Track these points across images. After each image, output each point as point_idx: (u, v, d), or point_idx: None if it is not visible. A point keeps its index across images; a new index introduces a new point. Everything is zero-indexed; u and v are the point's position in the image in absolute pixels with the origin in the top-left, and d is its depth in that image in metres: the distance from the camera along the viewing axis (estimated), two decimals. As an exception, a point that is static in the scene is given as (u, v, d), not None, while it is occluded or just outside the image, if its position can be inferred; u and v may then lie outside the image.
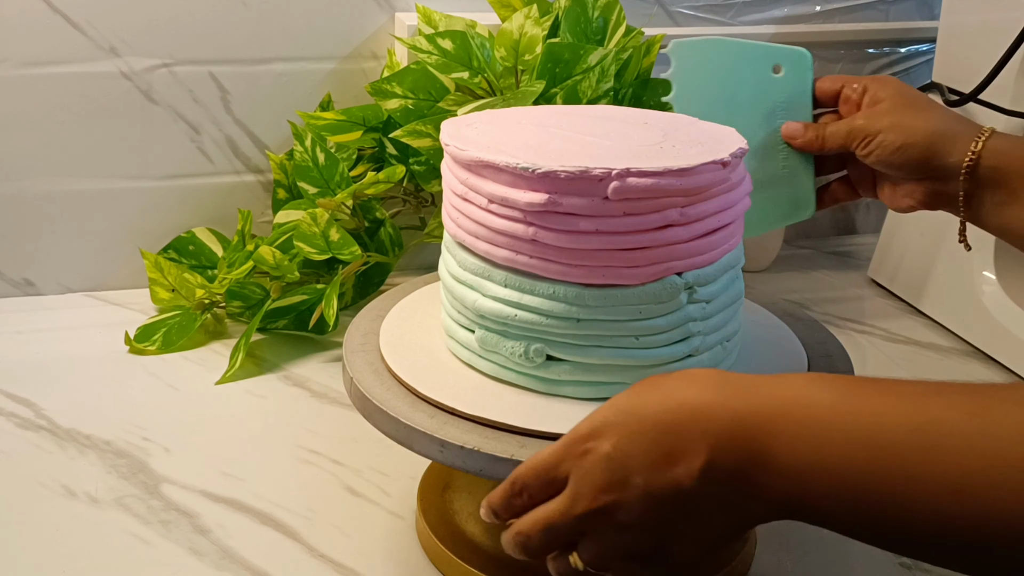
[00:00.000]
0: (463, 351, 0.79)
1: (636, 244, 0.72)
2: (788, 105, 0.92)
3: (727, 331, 0.78)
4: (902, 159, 0.87)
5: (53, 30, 1.14)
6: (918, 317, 1.26)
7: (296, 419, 1.02)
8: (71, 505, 0.88)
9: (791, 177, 0.93)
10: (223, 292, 1.13)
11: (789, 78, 0.92)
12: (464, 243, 0.77)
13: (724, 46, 0.91)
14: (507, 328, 0.75)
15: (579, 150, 0.74)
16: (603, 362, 0.75)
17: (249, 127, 1.23)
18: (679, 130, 0.79)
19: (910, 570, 0.86)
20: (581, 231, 0.71)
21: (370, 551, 0.85)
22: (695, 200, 0.72)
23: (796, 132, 0.92)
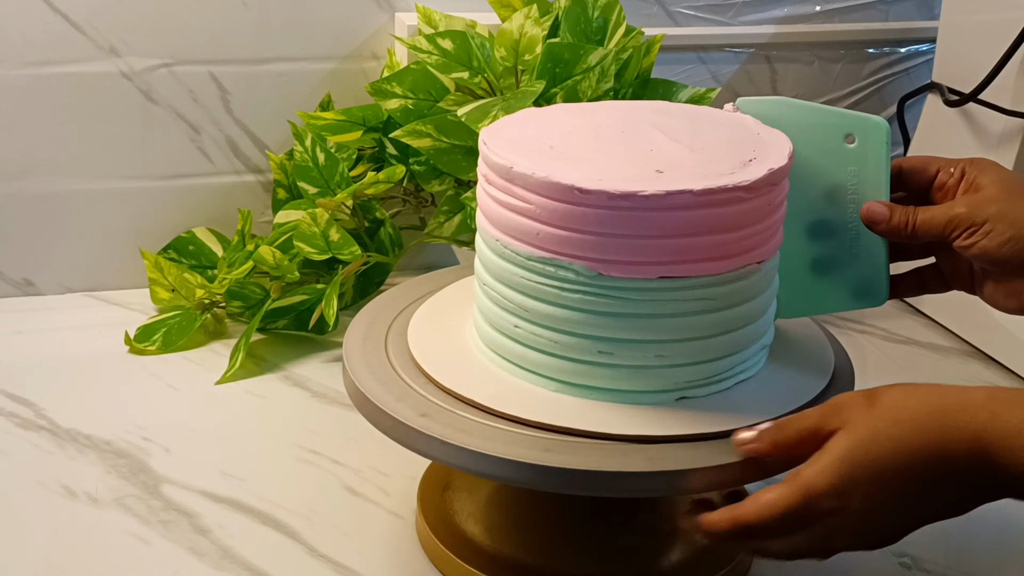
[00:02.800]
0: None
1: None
2: (859, 180, 0.81)
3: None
4: (1010, 253, 0.76)
5: (53, 30, 1.14)
6: (918, 317, 1.26)
7: (296, 419, 1.02)
8: (71, 505, 0.88)
9: (860, 260, 0.82)
10: (223, 292, 1.13)
11: (863, 149, 0.80)
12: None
13: (792, 107, 0.82)
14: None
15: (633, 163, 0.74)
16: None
17: (249, 127, 1.23)
18: (716, 149, 0.78)
19: (910, 570, 0.86)
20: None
21: (370, 551, 0.85)
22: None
23: (880, 215, 0.79)
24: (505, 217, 0.75)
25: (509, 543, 0.83)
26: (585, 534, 0.83)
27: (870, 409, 0.68)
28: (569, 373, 0.76)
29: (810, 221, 0.82)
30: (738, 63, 1.37)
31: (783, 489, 0.68)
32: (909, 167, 0.82)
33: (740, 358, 0.78)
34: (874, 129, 0.80)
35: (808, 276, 0.83)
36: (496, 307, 0.78)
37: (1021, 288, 0.78)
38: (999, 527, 0.92)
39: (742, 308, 0.76)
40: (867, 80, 1.43)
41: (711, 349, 0.76)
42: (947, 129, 1.25)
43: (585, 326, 0.74)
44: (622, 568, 0.82)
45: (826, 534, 0.68)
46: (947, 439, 0.66)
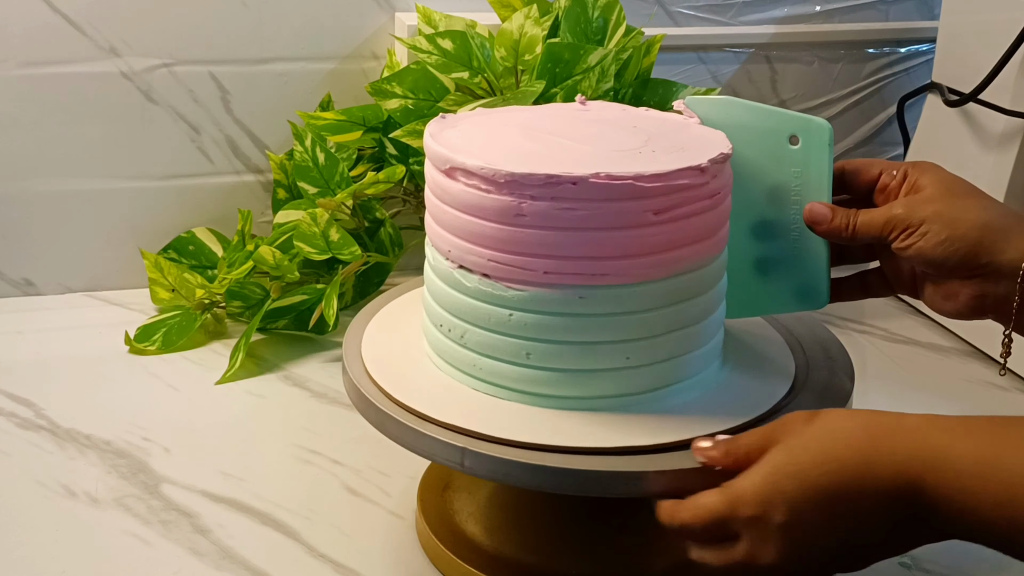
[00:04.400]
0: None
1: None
2: (803, 181, 0.80)
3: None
4: (945, 254, 0.75)
5: (53, 30, 1.14)
6: (918, 317, 1.26)
7: (296, 419, 1.02)
8: (71, 505, 0.88)
9: (801, 263, 0.81)
10: (223, 292, 1.13)
11: (806, 151, 0.79)
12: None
13: (738, 107, 0.81)
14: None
15: (552, 155, 0.74)
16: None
17: (249, 127, 1.23)
18: (667, 135, 0.78)
19: (910, 570, 0.86)
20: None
21: (370, 551, 0.85)
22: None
23: (821, 216, 0.79)
24: (443, 213, 0.76)
25: (509, 543, 0.83)
26: (585, 534, 0.83)
27: (807, 424, 0.68)
28: (538, 384, 0.76)
29: (754, 221, 0.82)
30: (738, 63, 1.37)
31: (716, 494, 0.69)
32: (852, 169, 0.81)
33: (696, 356, 0.78)
34: (817, 131, 0.79)
35: (752, 276, 0.83)
36: (445, 318, 0.78)
37: (958, 290, 0.77)
38: (999, 527, 0.92)
39: (699, 300, 0.77)
40: (867, 80, 1.43)
41: (670, 346, 0.76)
42: (947, 129, 1.25)
43: (536, 332, 0.74)
44: (622, 568, 0.82)
45: (751, 549, 0.68)
46: (876, 459, 0.65)
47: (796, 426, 0.69)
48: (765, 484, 0.67)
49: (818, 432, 0.68)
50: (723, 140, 0.77)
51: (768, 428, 0.70)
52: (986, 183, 1.18)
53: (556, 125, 0.80)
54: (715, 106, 0.81)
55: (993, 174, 1.18)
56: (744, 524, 0.68)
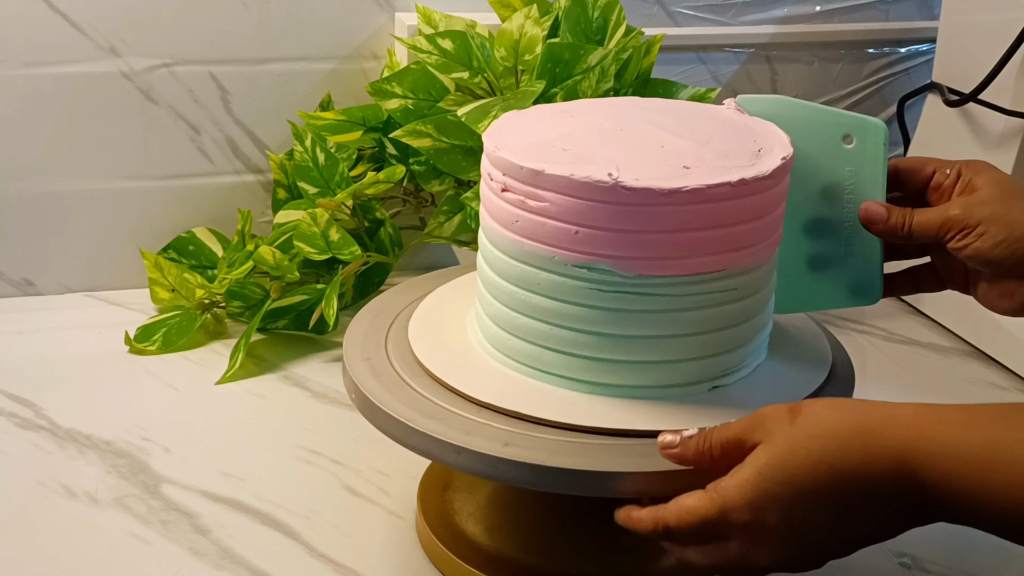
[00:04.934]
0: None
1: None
2: (856, 180, 0.81)
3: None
4: (1003, 255, 0.76)
5: (53, 30, 1.14)
6: (918, 317, 1.26)
7: (296, 419, 1.02)
8: (71, 505, 0.88)
9: (854, 259, 0.82)
10: (223, 292, 1.13)
11: (860, 150, 0.80)
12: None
13: (791, 106, 0.81)
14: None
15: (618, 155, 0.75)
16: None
17: (249, 127, 1.23)
18: (723, 142, 0.78)
19: (910, 569, 0.86)
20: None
21: (370, 551, 0.85)
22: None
23: (877, 216, 0.79)
24: (532, 222, 0.74)
25: (509, 543, 0.83)
26: (585, 534, 0.83)
27: (791, 423, 0.67)
28: (585, 371, 0.76)
29: (807, 218, 0.82)
30: (738, 63, 1.37)
31: (702, 497, 0.68)
32: (906, 168, 0.82)
33: (754, 345, 0.79)
34: (872, 130, 0.80)
35: (804, 273, 0.83)
36: (513, 312, 0.77)
37: (1014, 289, 0.78)
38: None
39: (756, 298, 0.77)
40: (867, 80, 1.43)
41: (732, 340, 0.77)
42: (947, 129, 1.25)
43: (619, 325, 0.74)
44: (622, 568, 0.82)
45: (743, 551, 0.67)
46: (869, 457, 0.64)
47: (778, 425, 0.67)
48: (756, 490, 0.66)
49: (806, 431, 0.66)
50: (786, 142, 0.78)
51: (743, 424, 0.69)
52: (986, 183, 1.18)
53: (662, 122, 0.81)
54: (768, 105, 0.81)
55: (993, 174, 1.18)
56: (735, 529, 0.67)
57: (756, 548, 0.67)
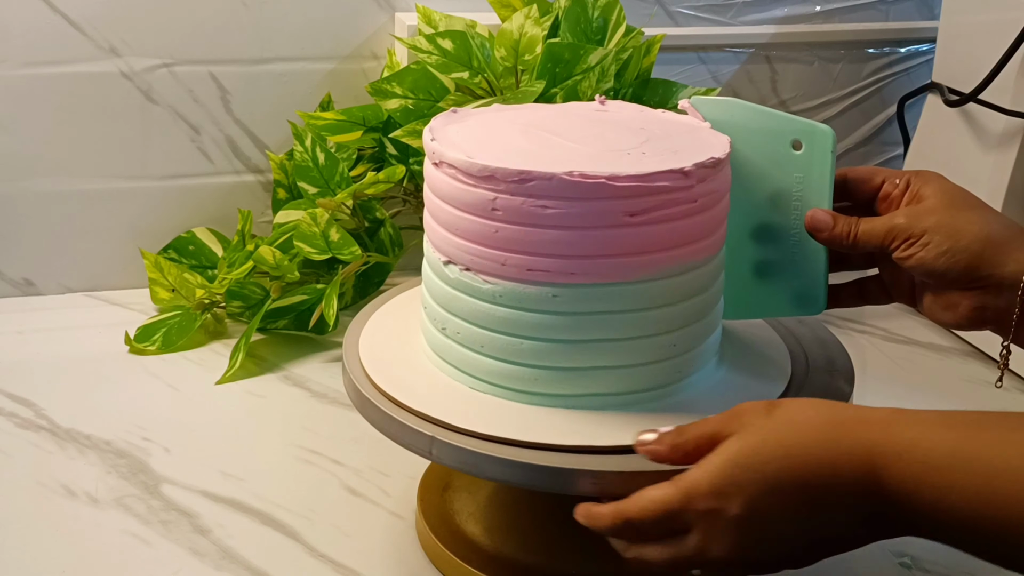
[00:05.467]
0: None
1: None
2: (805, 186, 0.80)
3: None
4: (946, 265, 0.75)
5: (53, 30, 1.14)
6: (918, 317, 1.26)
7: (296, 419, 1.02)
8: (71, 505, 0.88)
9: (799, 268, 0.81)
10: (223, 292, 1.13)
11: (808, 156, 0.79)
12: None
13: (742, 109, 0.80)
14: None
15: (540, 152, 0.74)
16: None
17: (249, 127, 1.23)
18: (669, 138, 0.78)
19: (910, 570, 0.86)
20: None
21: (370, 551, 0.85)
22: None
23: (823, 223, 0.78)
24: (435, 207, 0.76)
25: (509, 543, 0.83)
26: (585, 534, 0.82)
27: (767, 417, 0.66)
28: (533, 382, 0.76)
29: (755, 224, 0.81)
30: (738, 63, 1.37)
31: (667, 487, 0.67)
32: (855, 176, 0.81)
33: (694, 356, 0.78)
34: (820, 136, 0.79)
35: (751, 279, 0.83)
36: (437, 312, 0.79)
37: (957, 301, 0.77)
38: (999, 527, 0.92)
39: (685, 304, 0.76)
40: (867, 80, 1.43)
41: (653, 349, 0.76)
42: (947, 129, 1.25)
43: (557, 331, 0.74)
44: (621, 568, 0.81)
45: (701, 544, 0.66)
46: (838, 452, 0.64)
47: (753, 417, 0.66)
48: (722, 476, 0.65)
49: (779, 424, 0.66)
50: (723, 145, 0.77)
51: (719, 419, 0.68)
52: (986, 183, 1.18)
53: (561, 124, 0.80)
54: (719, 107, 0.81)
55: (993, 174, 1.18)
56: (697, 517, 0.65)
57: (715, 540, 0.65)
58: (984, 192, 1.17)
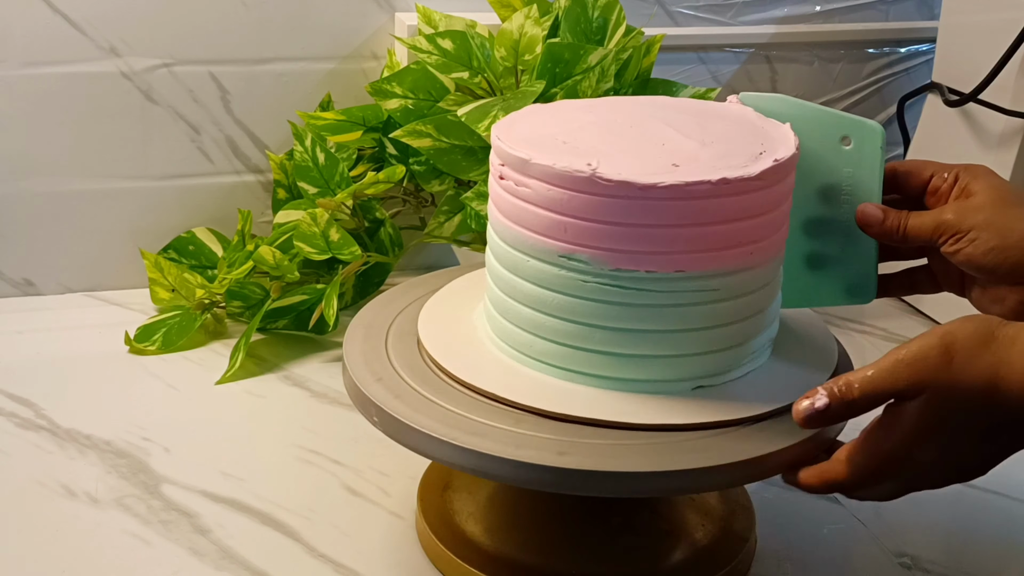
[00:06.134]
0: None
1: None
2: (854, 182, 0.81)
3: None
4: (994, 262, 0.77)
5: (53, 30, 1.14)
6: (918, 317, 1.26)
7: (296, 419, 1.02)
8: (71, 505, 0.88)
9: (850, 260, 0.83)
10: (223, 292, 1.13)
11: (858, 151, 0.81)
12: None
13: (791, 106, 0.82)
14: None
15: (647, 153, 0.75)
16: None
17: (249, 127, 1.23)
18: (728, 143, 0.78)
19: (910, 570, 0.86)
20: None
21: (370, 551, 0.85)
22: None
23: (873, 218, 0.80)
24: (520, 209, 0.76)
25: (509, 543, 0.83)
26: (585, 534, 0.83)
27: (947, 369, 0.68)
28: (581, 362, 0.77)
29: (805, 218, 0.83)
30: (738, 63, 1.37)
31: (863, 455, 0.71)
32: (904, 170, 0.82)
33: (749, 348, 0.79)
34: (870, 133, 0.81)
35: (802, 270, 0.84)
36: (508, 298, 0.78)
37: (1005, 295, 0.78)
38: (999, 527, 0.92)
39: (750, 298, 0.77)
40: (867, 80, 1.43)
41: (721, 339, 0.77)
42: (947, 129, 1.25)
43: (600, 317, 0.75)
44: (622, 568, 0.82)
45: (909, 480, 0.71)
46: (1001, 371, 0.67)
47: (932, 373, 0.69)
48: (926, 373, 0.68)
49: (978, 342, 0.69)
50: (791, 141, 0.78)
51: (890, 380, 0.69)
52: (986, 183, 1.18)
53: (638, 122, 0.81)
54: (768, 103, 0.82)
55: (993, 174, 1.19)
56: (896, 413, 0.70)
57: (922, 476, 0.71)
58: (984, 192, 1.17)
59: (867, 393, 0.69)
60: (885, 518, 0.90)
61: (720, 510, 0.87)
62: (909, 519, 0.73)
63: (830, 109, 0.82)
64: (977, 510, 0.94)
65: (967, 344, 0.68)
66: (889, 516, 0.91)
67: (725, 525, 0.86)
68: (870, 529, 0.90)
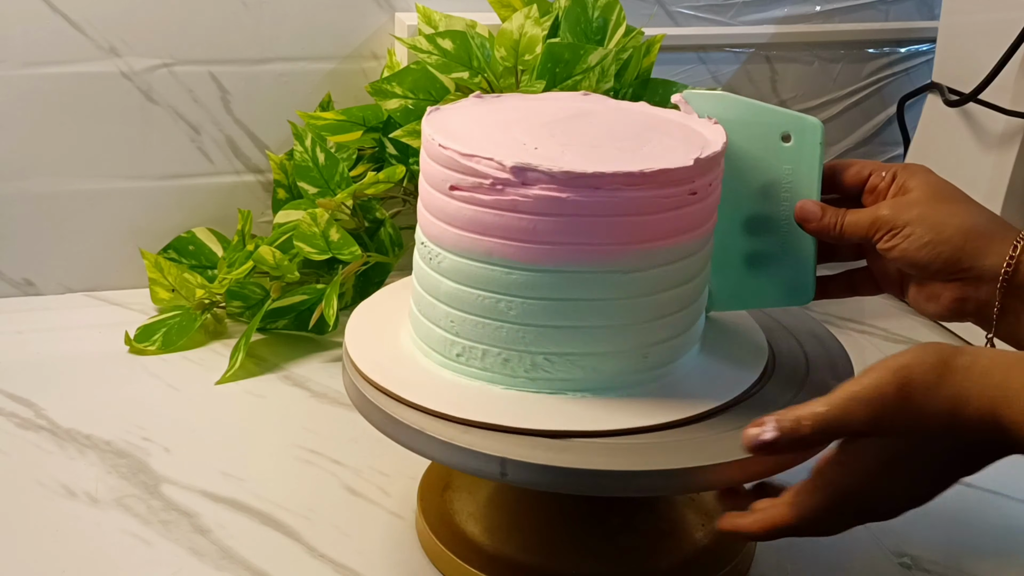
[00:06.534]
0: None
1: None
2: (794, 179, 0.81)
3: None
4: (928, 257, 0.76)
5: (53, 30, 1.14)
6: (918, 317, 1.26)
7: (296, 419, 1.02)
8: (71, 505, 0.88)
9: (789, 258, 0.83)
10: (223, 292, 1.13)
11: (798, 148, 0.81)
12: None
13: (733, 103, 0.81)
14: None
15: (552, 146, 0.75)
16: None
17: (249, 127, 1.23)
18: (666, 134, 0.78)
19: (910, 570, 0.86)
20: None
21: (370, 551, 0.85)
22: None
23: (811, 214, 0.80)
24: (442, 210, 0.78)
25: (509, 543, 0.83)
26: (585, 534, 0.83)
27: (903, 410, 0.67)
28: (516, 369, 0.76)
29: (746, 215, 0.82)
30: (738, 63, 1.37)
31: (814, 495, 0.69)
32: (843, 168, 0.83)
33: (678, 343, 0.79)
34: (810, 129, 0.81)
35: (741, 270, 0.83)
36: (430, 297, 0.79)
37: (940, 292, 0.78)
38: (999, 527, 0.92)
39: (679, 291, 0.77)
40: (867, 80, 1.43)
41: (653, 334, 0.77)
42: (947, 129, 1.25)
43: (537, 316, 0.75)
44: (622, 568, 0.82)
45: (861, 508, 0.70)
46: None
47: (891, 414, 0.67)
48: (881, 411, 0.66)
49: (938, 375, 0.66)
50: (720, 137, 0.78)
51: (861, 418, 0.67)
52: (986, 183, 1.18)
53: (552, 117, 0.81)
54: (711, 101, 0.82)
55: (993, 174, 1.19)
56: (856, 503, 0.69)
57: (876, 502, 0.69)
58: (984, 192, 1.17)
59: (818, 430, 0.67)
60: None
61: (720, 509, 0.87)
62: (909, 519, 0.73)
63: (771, 106, 0.82)
64: (977, 510, 0.93)
65: (924, 379, 0.66)
66: (889, 516, 0.91)
67: (725, 525, 0.86)
68: (870, 529, 0.90)
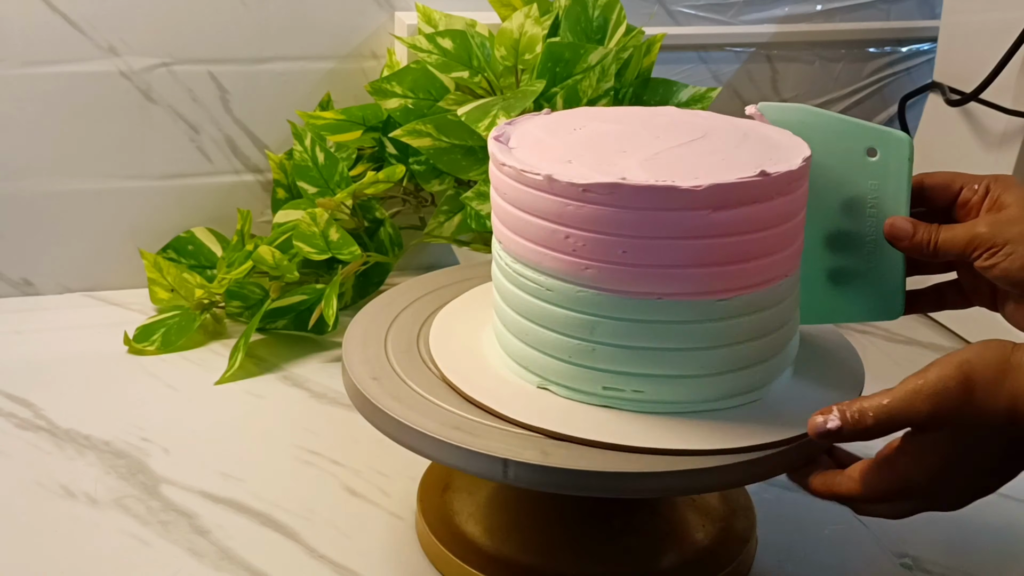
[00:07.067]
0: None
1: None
2: (879, 194, 0.79)
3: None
4: None
5: (53, 30, 1.14)
6: (919, 317, 1.26)
7: (296, 419, 1.02)
8: (70, 505, 0.88)
9: (876, 275, 0.81)
10: (222, 292, 1.13)
11: (884, 163, 0.78)
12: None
13: (814, 116, 0.79)
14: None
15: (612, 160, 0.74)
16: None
17: (249, 127, 1.23)
18: (742, 147, 0.76)
19: (911, 570, 0.86)
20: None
21: (370, 551, 0.85)
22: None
23: (903, 232, 0.77)
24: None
25: (509, 543, 0.83)
26: (585, 535, 0.83)
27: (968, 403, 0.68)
28: (583, 381, 0.75)
29: (828, 231, 0.80)
30: (739, 63, 1.37)
31: (881, 479, 0.71)
32: (932, 183, 0.80)
33: (769, 367, 0.77)
34: (896, 144, 0.78)
35: (825, 285, 0.82)
36: (522, 319, 0.77)
37: None
38: (999, 527, 0.92)
39: (770, 313, 0.75)
40: (868, 79, 1.43)
41: (743, 357, 0.75)
42: (948, 129, 1.25)
43: (614, 336, 0.74)
44: (622, 568, 0.81)
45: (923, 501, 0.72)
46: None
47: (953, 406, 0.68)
48: (945, 408, 0.68)
49: (999, 370, 0.67)
50: (803, 151, 0.75)
51: (914, 414, 0.69)
52: (987, 183, 1.18)
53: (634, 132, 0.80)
54: (791, 114, 0.79)
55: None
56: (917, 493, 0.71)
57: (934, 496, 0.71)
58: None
59: (882, 422, 0.69)
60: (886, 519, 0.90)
61: (720, 510, 0.87)
62: (910, 519, 0.73)
63: (854, 119, 0.80)
64: (978, 511, 0.93)
65: (986, 375, 0.67)
66: (890, 516, 0.91)
67: (725, 525, 0.86)
68: (871, 530, 0.90)
